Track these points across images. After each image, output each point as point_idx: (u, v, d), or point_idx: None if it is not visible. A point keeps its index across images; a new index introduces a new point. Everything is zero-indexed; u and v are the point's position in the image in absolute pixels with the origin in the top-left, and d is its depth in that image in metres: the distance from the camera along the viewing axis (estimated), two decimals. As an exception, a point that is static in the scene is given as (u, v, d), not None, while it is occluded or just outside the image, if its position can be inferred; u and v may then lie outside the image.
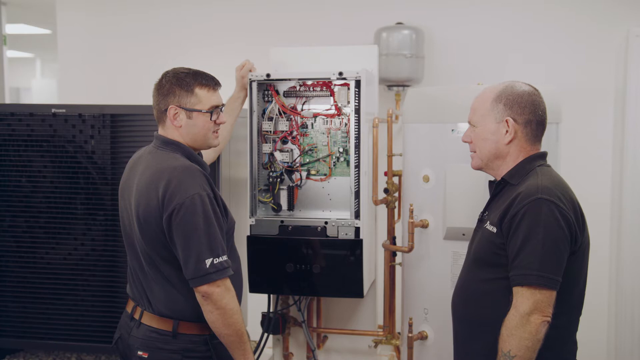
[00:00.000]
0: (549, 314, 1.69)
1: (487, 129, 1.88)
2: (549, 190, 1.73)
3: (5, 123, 3.02)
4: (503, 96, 1.87)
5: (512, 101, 1.85)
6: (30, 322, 3.08)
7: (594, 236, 1.89)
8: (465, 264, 1.97)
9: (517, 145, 1.87)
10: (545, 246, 1.68)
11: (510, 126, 1.84)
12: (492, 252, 1.82)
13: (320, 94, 2.59)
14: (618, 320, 3.56)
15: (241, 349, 1.93)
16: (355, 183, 2.53)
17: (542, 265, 1.68)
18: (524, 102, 1.85)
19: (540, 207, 1.70)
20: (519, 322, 1.69)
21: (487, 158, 1.91)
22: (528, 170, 1.85)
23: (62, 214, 3.00)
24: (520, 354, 1.69)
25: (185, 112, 1.98)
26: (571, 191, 1.82)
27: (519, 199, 1.74)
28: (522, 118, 1.85)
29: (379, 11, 3.70)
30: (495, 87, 1.91)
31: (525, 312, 1.68)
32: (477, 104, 1.94)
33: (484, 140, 1.90)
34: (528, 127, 1.85)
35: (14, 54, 9.07)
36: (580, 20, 3.56)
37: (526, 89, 1.88)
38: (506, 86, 1.89)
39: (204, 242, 1.85)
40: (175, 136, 2.01)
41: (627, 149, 3.48)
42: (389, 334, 2.86)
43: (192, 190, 1.86)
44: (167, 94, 1.98)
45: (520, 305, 1.69)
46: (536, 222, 1.70)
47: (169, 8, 4.05)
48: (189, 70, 2.03)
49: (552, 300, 1.69)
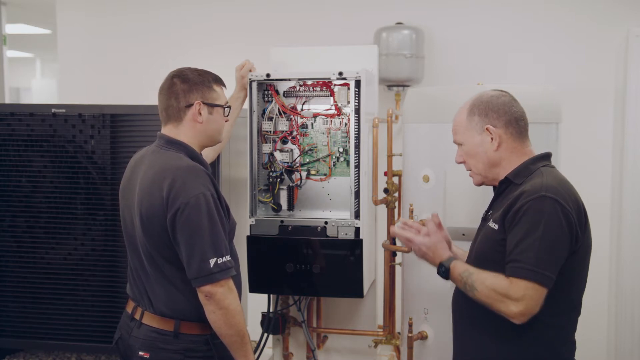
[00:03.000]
0: (528, 315, 1.69)
1: (473, 143, 1.92)
2: (554, 189, 1.74)
3: (5, 123, 3.02)
4: (475, 108, 1.91)
5: (484, 109, 1.89)
6: (30, 322, 3.08)
7: (594, 236, 1.89)
8: (468, 261, 1.98)
9: (506, 148, 1.89)
10: (544, 243, 1.69)
11: (493, 132, 1.87)
12: (494, 249, 1.82)
13: (320, 94, 2.59)
14: (618, 320, 3.56)
15: (242, 350, 1.93)
16: (355, 183, 2.53)
17: (538, 261, 1.68)
18: (496, 105, 1.88)
19: (544, 203, 1.71)
20: (502, 294, 1.70)
21: (484, 170, 1.93)
22: (532, 170, 1.86)
23: (62, 214, 3.00)
24: (478, 299, 1.76)
25: (208, 108, 2.02)
26: (576, 191, 1.82)
27: (523, 196, 1.75)
28: (500, 121, 1.88)
29: (379, 11, 3.70)
30: (465, 104, 1.96)
31: (511, 295, 1.69)
32: (455, 124, 1.99)
33: (474, 155, 1.93)
34: (510, 127, 1.88)
35: (14, 54, 9.07)
36: (580, 20, 3.56)
37: (494, 93, 1.92)
38: (475, 98, 1.94)
39: (208, 241, 1.85)
40: (187, 135, 2.01)
41: (627, 149, 3.48)
42: (389, 334, 2.86)
43: (196, 190, 1.86)
44: (189, 90, 2.00)
45: (512, 289, 1.70)
46: (538, 218, 1.71)
47: (169, 8, 4.05)
48: (197, 69, 2.07)
49: (541, 298, 1.69)
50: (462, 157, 1.99)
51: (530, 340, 1.77)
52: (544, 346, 1.75)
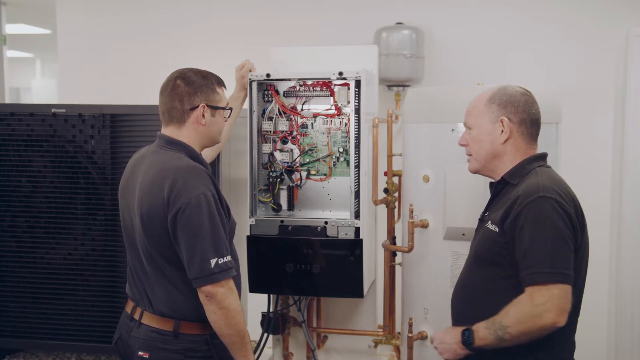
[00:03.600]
0: (564, 313, 1.67)
1: (483, 130, 1.92)
2: (550, 189, 1.75)
3: (5, 123, 3.02)
4: (496, 97, 1.91)
5: (505, 101, 1.89)
6: (30, 322, 3.08)
7: (594, 236, 1.89)
8: (467, 262, 1.98)
9: (513, 144, 1.89)
10: (553, 242, 1.69)
11: (505, 125, 1.88)
12: (494, 251, 1.82)
13: (320, 94, 2.59)
14: (618, 320, 3.56)
15: (242, 350, 1.93)
16: (355, 183, 2.53)
17: (553, 261, 1.68)
18: (517, 101, 1.89)
19: (543, 204, 1.71)
20: (532, 312, 1.67)
21: (484, 159, 1.93)
22: (528, 170, 1.86)
23: (62, 214, 3.00)
24: (515, 334, 1.69)
25: (211, 110, 2.02)
26: (572, 191, 1.82)
27: (521, 199, 1.75)
28: (516, 117, 1.88)
29: (379, 11, 3.70)
30: (488, 90, 1.96)
31: (539, 304, 1.66)
32: (471, 106, 1.98)
33: (480, 142, 1.93)
34: (523, 125, 1.88)
35: (14, 54, 9.07)
36: (580, 20, 3.56)
37: (519, 90, 1.93)
38: (499, 88, 1.94)
39: (209, 242, 1.85)
40: (189, 136, 2.01)
41: (627, 149, 3.48)
42: (389, 334, 2.86)
43: (197, 190, 1.86)
44: (193, 93, 1.99)
45: (536, 298, 1.67)
46: (541, 219, 1.71)
47: (169, 8, 4.05)
48: (199, 70, 2.06)
49: (569, 294, 1.68)
50: (466, 140, 1.98)
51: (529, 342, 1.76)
52: (542, 348, 1.75)
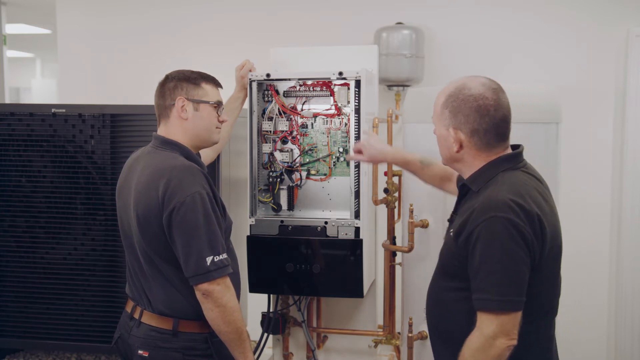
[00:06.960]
0: (514, 336, 1.60)
1: (441, 133, 1.78)
2: (505, 205, 1.60)
3: (5, 123, 3.01)
4: (449, 102, 1.73)
5: (456, 108, 1.71)
6: (30, 322, 3.07)
7: (594, 236, 1.88)
8: (436, 269, 1.89)
9: (468, 153, 1.74)
10: (503, 267, 1.59)
11: (455, 136, 1.73)
12: (451, 262, 1.75)
13: (320, 93, 2.59)
14: (618, 320, 3.56)
15: (241, 347, 1.94)
16: (355, 183, 2.53)
17: (501, 288, 1.59)
18: (468, 109, 1.69)
19: (495, 225, 1.60)
20: (483, 344, 1.60)
21: (446, 160, 1.84)
22: (490, 176, 1.72)
23: (62, 214, 3.00)
24: None
25: (193, 104, 2.03)
26: (534, 197, 1.66)
27: (475, 215, 1.64)
28: (466, 127, 1.71)
29: (379, 11, 3.70)
30: (447, 88, 1.76)
31: (489, 335, 1.59)
32: (434, 104, 1.81)
33: (440, 144, 1.81)
34: (475, 136, 1.71)
35: (14, 54, 9.07)
36: (580, 20, 3.56)
37: (475, 91, 1.70)
38: (456, 87, 1.74)
39: (205, 240, 1.86)
40: (177, 133, 2.03)
41: (627, 149, 3.48)
42: (389, 334, 2.86)
43: (192, 189, 1.87)
44: (174, 88, 2.03)
45: (485, 328, 1.61)
46: (491, 242, 1.60)
47: (169, 8, 4.05)
48: (191, 70, 2.10)
49: (517, 321, 1.61)
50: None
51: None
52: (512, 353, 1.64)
